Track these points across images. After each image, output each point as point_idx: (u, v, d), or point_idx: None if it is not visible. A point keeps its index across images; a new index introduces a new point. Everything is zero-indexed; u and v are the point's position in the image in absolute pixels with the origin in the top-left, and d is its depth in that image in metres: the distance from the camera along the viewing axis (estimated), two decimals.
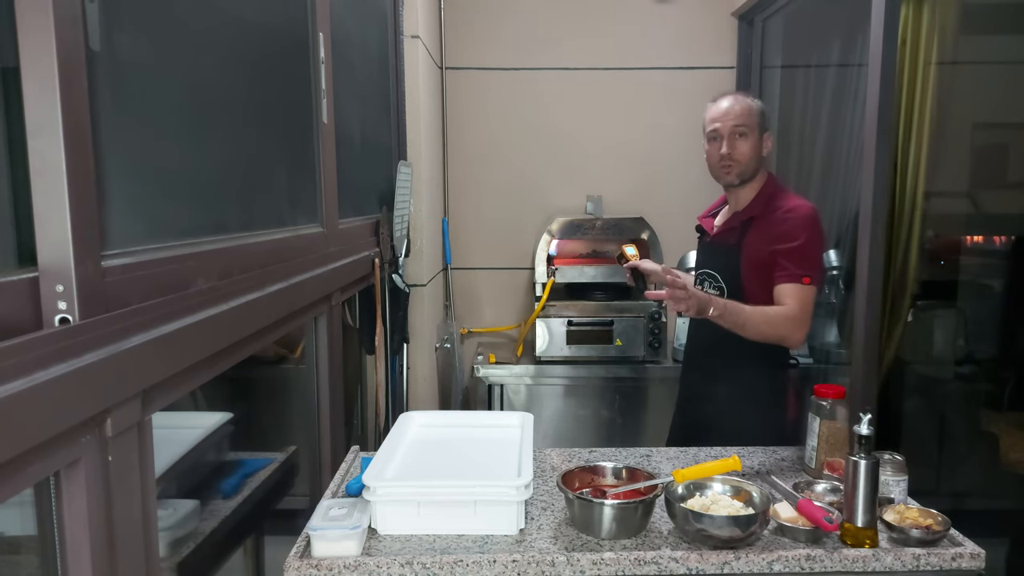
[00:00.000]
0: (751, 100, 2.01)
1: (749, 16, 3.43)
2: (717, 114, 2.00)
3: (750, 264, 1.96)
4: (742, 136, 1.97)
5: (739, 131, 1.97)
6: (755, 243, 1.97)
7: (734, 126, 1.97)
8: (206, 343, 1.14)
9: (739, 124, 1.97)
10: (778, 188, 2.05)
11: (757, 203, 2.01)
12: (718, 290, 2.02)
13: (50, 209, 0.83)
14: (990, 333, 2.93)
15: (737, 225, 2.02)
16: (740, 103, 1.99)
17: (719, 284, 2.03)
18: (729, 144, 1.98)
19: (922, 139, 2.58)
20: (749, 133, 1.98)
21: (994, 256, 2.96)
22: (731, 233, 2.04)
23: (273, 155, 1.58)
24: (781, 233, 1.93)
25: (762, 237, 1.96)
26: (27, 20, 0.80)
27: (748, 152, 1.98)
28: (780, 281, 1.91)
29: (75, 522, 0.87)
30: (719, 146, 2.00)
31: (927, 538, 1.38)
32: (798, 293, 1.89)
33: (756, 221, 1.99)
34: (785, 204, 1.98)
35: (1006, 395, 2.86)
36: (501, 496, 1.39)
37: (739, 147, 1.97)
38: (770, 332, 1.88)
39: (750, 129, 1.98)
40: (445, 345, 3.22)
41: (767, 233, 1.96)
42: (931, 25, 2.56)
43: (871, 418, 1.38)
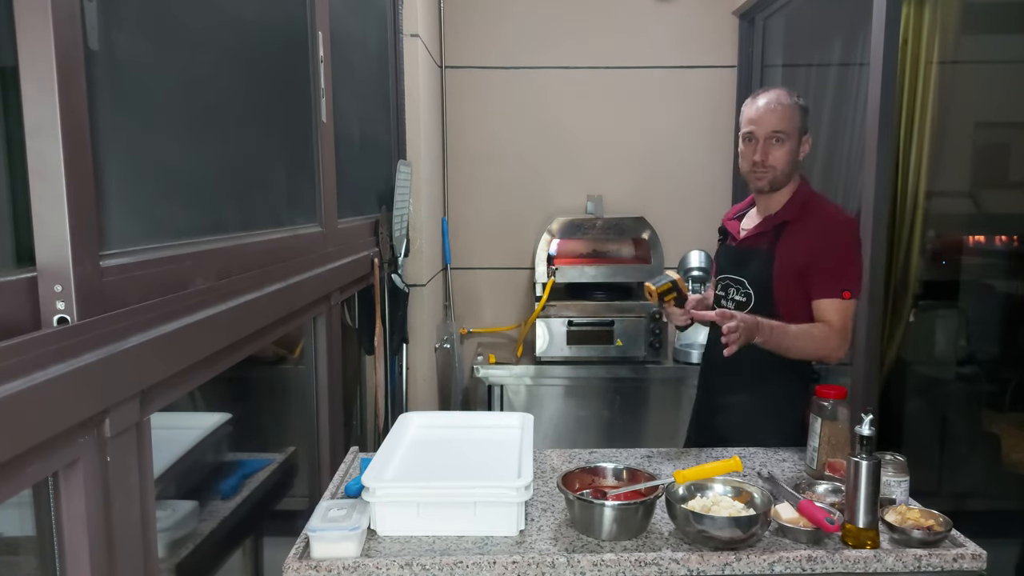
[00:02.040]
0: (792, 100, 1.87)
1: (750, 15, 3.43)
2: (754, 115, 1.87)
3: (784, 272, 1.86)
4: (779, 142, 1.85)
5: (776, 137, 1.85)
6: (790, 250, 1.87)
7: (771, 131, 1.85)
8: (205, 343, 1.14)
9: (777, 130, 1.84)
10: (812, 193, 1.96)
11: (791, 208, 1.91)
12: (746, 296, 1.93)
13: (49, 209, 0.82)
14: (992, 333, 2.93)
15: (769, 230, 1.91)
16: (780, 105, 1.85)
17: (747, 291, 1.93)
18: (764, 151, 1.86)
19: (924, 139, 2.58)
20: (786, 139, 1.85)
21: (996, 256, 2.96)
22: (762, 238, 1.93)
23: (272, 154, 1.58)
24: (820, 244, 1.84)
25: (798, 245, 1.86)
26: (25, 19, 0.80)
27: (783, 159, 1.86)
28: (820, 296, 1.84)
29: (74, 523, 0.87)
30: (753, 149, 1.87)
31: (928, 539, 1.38)
32: (839, 308, 1.82)
33: (790, 227, 1.89)
34: (822, 211, 1.90)
35: (1008, 395, 2.86)
36: (501, 497, 1.39)
37: (774, 154, 1.85)
38: (813, 351, 1.84)
39: (788, 135, 1.85)
40: (445, 345, 3.22)
41: (803, 241, 1.86)
42: (932, 24, 2.55)
43: (872, 419, 1.37)
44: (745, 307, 1.93)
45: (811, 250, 1.85)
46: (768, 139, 1.86)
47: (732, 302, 1.98)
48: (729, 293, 2.00)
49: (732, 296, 1.99)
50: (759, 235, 1.95)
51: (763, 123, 1.86)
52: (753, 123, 1.88)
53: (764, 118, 1.86)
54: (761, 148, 1.86)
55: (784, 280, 1.87)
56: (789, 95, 1.88)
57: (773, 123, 1.85)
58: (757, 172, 1.89)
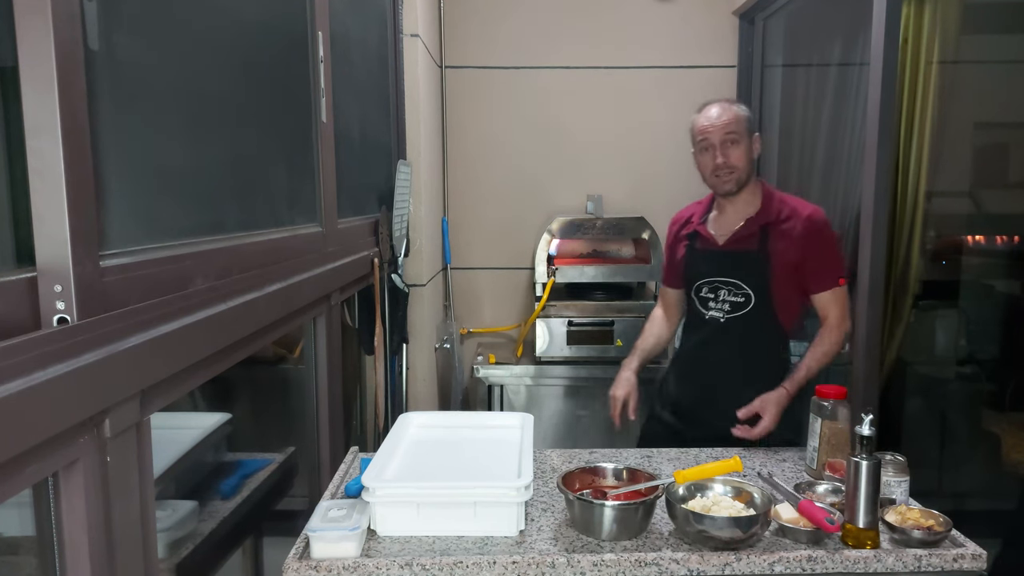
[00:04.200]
0: (737, 106, 2.00)
1: (750, 15, 3.43)
2: (706, 123, 1.98)
3: (780, 271, 1.96)
4: (734, 143, 1.96)
5: (731, 138, 1.95)
6: (782, 249, 1.96)
7: (725, 134, 1.95)
8: (205, 343, 1.13)
9: (730, 132, 1.95)
10: (776, 190, 2.07)
11: (769, 208, 2.01)
12: (744, 297, 1.99)
13: (48, 209, 0.82)
14: (992, 333, 2.93)
15: (756, 231, 2.00)
16: (728, 111, 1.97)
17: (744, 291, 1.99)
18: (723, 152, 1.96)
19: (923, 139, 2.58)
20: (740, 139, 1.96)
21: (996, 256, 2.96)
22: (750, 240, 2.00)
23: (272, 154, 1.58)
24: (809, 241, 1.96)
25: (788, 243, 1.96)
26: (25, 19, 0.79)
27: (742, 157, 1.97)
28: (820, 290, 1.98)
29: (73, 523, 0.87)
30: (712, 155, 1.97)
31: (929, 539, 1.38)
32: (838, 296, 1.98)
33: (775, 227, 1.98)
34: (796, 207, 2.00)
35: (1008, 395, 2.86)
36: (501, 497, 1.39)
37: (733, 154, 1.96)
38: (834, 356, 1.99)
39: (740, 135, 1.96)
40: (445, 345, 3.22)
41: (792, 240, 1.96)
42: (932, 24, 2.56)
43: (873, 419, 1.37)
44: (743, 307, 1.99)
45: (802, 248, 1.96)
46: (724, 142, 1.96)
47: (726, 303, 2.03)
48: (720, 295, 2.04)
49: (724, 298, 2.03)
50: (746, 237, 2.00)
51: (716, 128, 1.96)
52: (706, 131, 1.98)
53: (716, 123, 1.96)
54: (720, 151, 1.96)
55: (781, 279, 1.97)
56: (732, 102, 2.01)
57: (725, 125, 1.95)
58: (722, 175, 1.98)
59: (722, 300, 2.03)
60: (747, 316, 1.98)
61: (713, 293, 2.05)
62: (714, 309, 2.04)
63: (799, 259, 1.96)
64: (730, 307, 2.01)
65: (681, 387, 2.16)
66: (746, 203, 2.03)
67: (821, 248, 1.97)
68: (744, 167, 1.97)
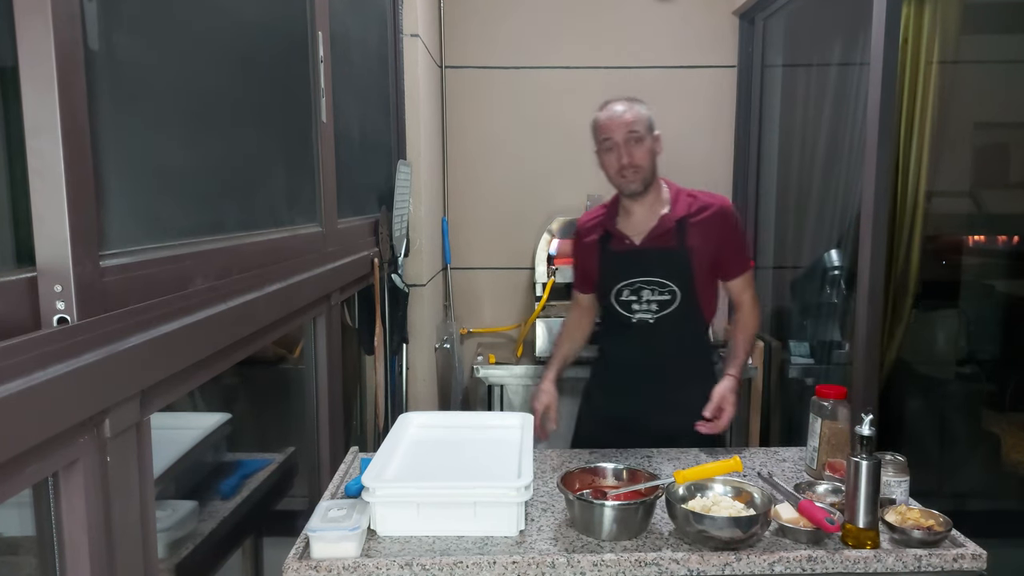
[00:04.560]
0: (639, 104, 1.97)
1: (750, 15, 3.43)
2: (608, 123, 1.94)
3: (701, 265, 1.98)
4: (637, 142, 1.93)
5: (634, 137, 1.92)
6: (701, 244, 1.97)
7: (628, 132, 1.92)
8: (205, 343, 1.13)
9: (633, 131, 1.92)
10: (679, 185, 2.08)
11: (682, 204, 2.01)
12: (670, 294, 1.97)
13: (48, 209, 0.82)
14: (992, 333, 2.93)
15: (672, 227, 1.98)
16: (630, 109, 1.94)
17: (669, 288, 1.97)
18: (627, 152, 1.92)
19: (924, 139, 2.58)
20: (643, 137, 1.93)
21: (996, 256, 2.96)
22: (668, 237, 1.98)
23: (272, 154, 1.58)
24: (722, 231, 2.00)
25: (705, 236, 1.98)
26: (25, 19, 0.79)
27: (645, 156, 1.94)
28: (735, 276, 2.05)
29: (73, 523, 0.87)
30: (617, 155, 1.93)
31: (929, 539, 1.38)
32: (749, 281, 2.07)
33: (690, 221, 1.98)
34: (705, 200, 2.03)
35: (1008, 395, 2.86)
36: (501, 497, 1.39)
37: (636, 153, 1.93)
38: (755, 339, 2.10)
39: (643, 134, 1.93)
40: (445, 345, 3.22)
41: (708, 232, 1.98)
42: (932, 24, 2.56)
43: (872, 419, 1.37)
44: (670, 305, 1.98)
45: (718, 239, 1.99)
46: (627, 141, 1.92)
47: (652, 303, 1.99)
48: (643, 296, 1.99)
49: (649, 298, 1.99)
50: (663, 234, 1.98)
51: (618, 127, 1.93)
52: (609, 130, 1.94)
53: (618, 122, 1.93)
54: (624, 150, 1.93)
55: (701, 271, 1.99)
56: (633, 100, 1.98)
57: (627, 124, 1.93)
58: (627, 175, 1.95)
59: (646, 300, 1.99)
60: (674, 313, 1.97)
61: (635, 295, 2.00)
62: (640, 311, 1.99)
63: (715, 250, 1.99)
64: (657, 306, 1.98)
65: (618, 395, 2.07)
66: (655, 201, 2.02)
67: (733, 236, 2.02)
68: (648, 166, 1.96)
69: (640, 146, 1.93)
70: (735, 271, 2.04)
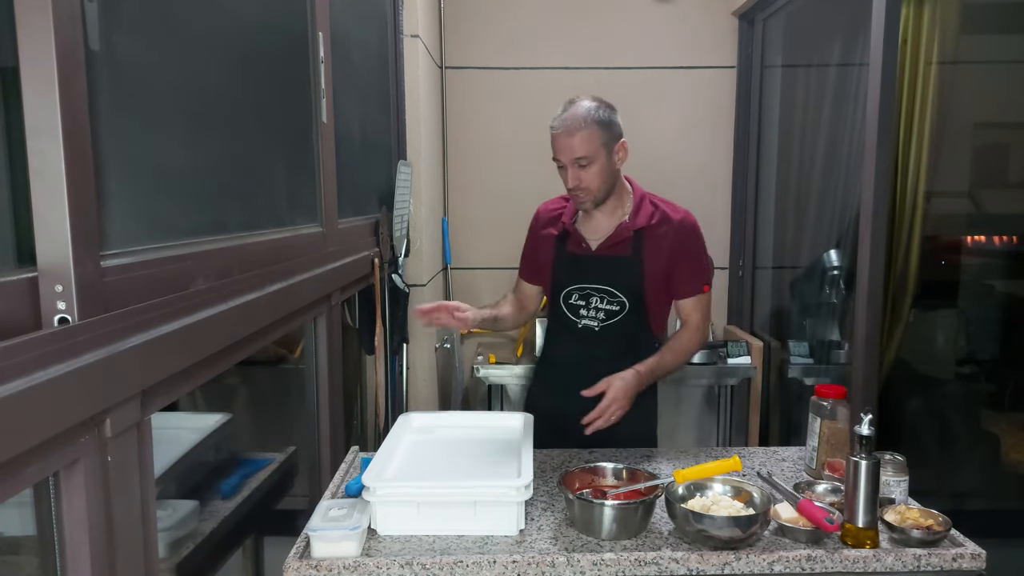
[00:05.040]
0: (591, 121, 1.80)
1: (750, 16, 3.43)
2: (556, 146, 1.84)
3: (653, 277, 1.90)
4: (586, 167, 1.82)
5: (581, 163, 1.81)
6: (655, 255, 1.90)
7: (573, 159, 1.81)
8: (205, 343, 1.14)
9: (578, 157, 1.81)
10: (646, 192, 1.98)
11: (643, 213, 1.92)
12: (619, 305, 1.91)
13: (49, 209, 0.82)
14: (991, 333, 2.93)
15: (629, 236, 1.90)
16: (578, 131, 1.79)
17: (619, 299, 1.91)
18: (574, 177, 1.83)
19: (923, 139, 2.58)
20: (594, 159, 1.81)
21: (995, 256, 2.96)
22: (624, 246, 1.91)
23: (272, 155, 1.58)
24: (680, 246, 1.91)
25: (660, 249, 1.90)
26: (26, 20, 0.80)
27: (596, 179, 1.83)
28: (685, 295, 1.94)
29: (74, 522, 0.87)
30: (566, 175, 1.85)
31: (928, 539, 1.38)
32: (701, 302, 1.96)
33: (648, 232, 1.91)
34: (667, 211, 1.93)
35: (1007, 395, 2.86)
36: (501, 497, 1.39)
37: (585, 177, 1.83)
38: (688, 358, 1.97)
39: (591, 158, 1.81)
40: (445, 345, 3.22)
41: (664, 245, 1.90)
42: (932, 25, 2.56)
43: (872, 418, 1.38)
44: (617, 315, 1.92)
45: (673, 253, 1.91)
46: (573, 165, 1.82)
47: (600, 311, 1.94)
48: (592, 303, 1.94)
49: (597, 306, 1.94)
50: (620, 243, 1.91)
51: (564, 152, 1.82)
52: (557, 152, 1.85)
53: (564, 148, 1.82)
54: (572, 174, 1.83)
55: (654, 285, 1.91)
56: (586, 114, 1.81)
57: (573, 151, 1.81)
58: (577, 195, 1.88)
59: (595, 308, 1.94)
60: (621, 323, 1.91)
61: (584, 300, 1.95)
62: (587, 318, 1.94)
63: (670, 264, 1.91)
64: (604, 315, 1.93)
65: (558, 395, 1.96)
66: (616, 207, 1.93)
67: (691, 254, 1.93)
68: (600, 186, 1.85)
69: (588, 170, 1.82)
70: (686, 291, 1.94)
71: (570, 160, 1.82)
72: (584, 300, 1.95)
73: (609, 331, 1.92)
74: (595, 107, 1.83)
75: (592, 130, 1.80)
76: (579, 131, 1.79)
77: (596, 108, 1.82)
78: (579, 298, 1.96)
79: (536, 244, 2.08)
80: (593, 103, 1.84)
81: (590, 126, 1.80)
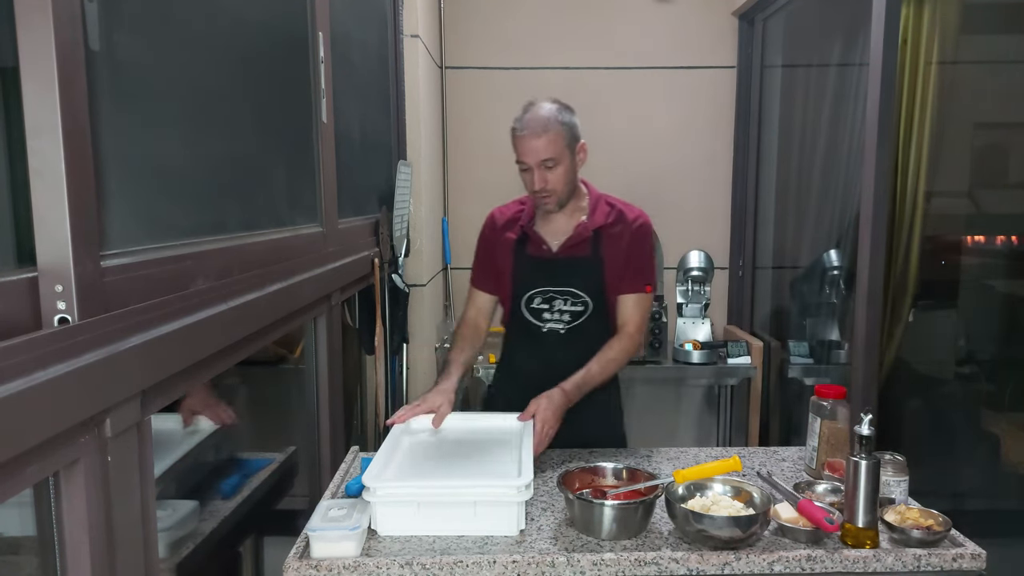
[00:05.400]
0: (556, 122, 1.83)
1: (750, 16, 3.43)
2: (522, 149, 1.85)
3: (613, 276, 1.92)
4: (552, 168, 1.84)
5: (547, 165, 1.84)
6: (613, 254, 1.91)
7: (540, 161, 1.84)
8: (205, 343, 1.14)
9: (545, 159, 1.83)
10: (600, 192, 2.00)
11: (599, 213, 1.94)
12: (582, 306, 1.92)
13: (49, 209, 0.82)
14: (991, 333, 2.93)
15: (588, 236, 1.92)
16: (544, 135, 1.82)
17: (583, 299, 1.92)
18: (540, 179, 1.84)
19: (923, 139, 2.59)
20: (560, 160, 1.84)
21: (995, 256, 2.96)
22: (583, 246, 1.92)
23: (272, 155, 1.58)
24: (632, 244, 1.93)
25: (618, 247, 1.92)
26: (26, 19, 0.80)
27: (561, 180, 1.86)
28: (627, 291, 1.93)
29: (74, 523, 0.87)
30: (531, 177, 1.86)
31: (928, 539, 1.38)
32: (641, 302, 1.94)
33: (605, 231, 1.93)
34: (622, 211, 1.96)
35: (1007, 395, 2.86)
36: (501, 497, 1.39)
37: (551, 178, 1.85)
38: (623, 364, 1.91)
39: (557, 159, 1.83)
40: (445, 345, 3.22)
41: (620, 243, 1.92)
42: (932, 25, 2.56)
43: (872, 418, 1.38)
44: (582, 316, 1.92)
45: (627, 250, 1.92)
46: (540, 167, 1.84)
47: (565, 313, 1.93)
48: (555, 305, 1.93)
49: (561, 308, 1.93)
50: (580, 243, 1.92)
51: (531, 155, 1.84)
52: (523, 155, 1.86)
53: (530, 151, 1.84)
54: (538, 176, 1.85)
55: (614, 284, 1.92)
56: (551, 116, 1.84)
57: (540, 153, 1.83)
58: (543, 197, 1.88)
59: (559, 311, 1.93)
60: (586, 324, 1.92)
61: (547, 304, 1.94)
62: (552, 321, 1.93)
63: (624, 262, 1.92)
64: (570, 317, 1.93)
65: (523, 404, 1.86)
66: (574, 208, 1.95)
67: (640, 252, 1.94)
68: (564, 187, 1.87)
69: (554, 171, 1.84)
70: (627, 287, 1.92)
71: (537, 162, 1.84)
72: (547, 303, 1.94)
73: (575, 333, 1.92)
74: (558, 109, 1.85)
75: (558, 131, 1.83)
76: (545, 133, 1.82)
77: (559, 110, 1.85)
78: (542, 301, 1.94)
79: (492, 249, 2.04)
80: (555, 105, 1.86)
81: (556, 127, 1.83)
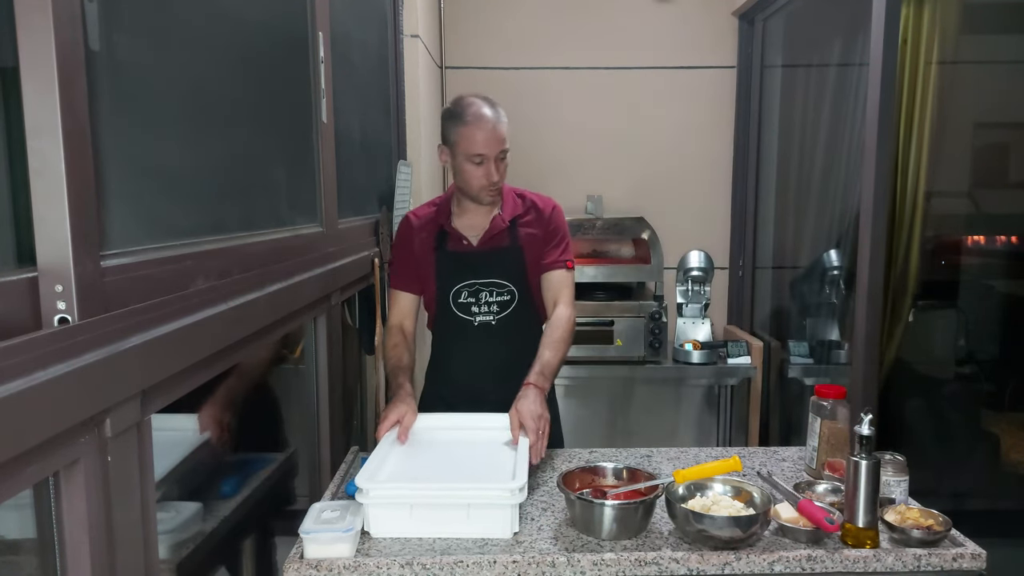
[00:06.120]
0: (502, 113, 1.90)
1: (750, 16, 3.43)
2: (483, 140, 1.85)
3: (533, 262, 1.96)
4: (502, 159, 1.89)
5: (501, 155, 1.88)
6: (530, 241, 1.96)
7: (500, 151, 1.87)
8: (205, 343, 1.14)
9: (505, 149, 1.88)
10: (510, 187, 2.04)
11: (510, 204, 1.98)
12: (509, 295, 1.95)
13: (49, 209, 0.82)
14: (991, 333, 2.93)
15: (505, 227, 1.95)
16: (500, 124, 1.87)
17: (508, 289, 1.95)
18: (497, 170, 1.88)
19: (923, 139, 2.59)
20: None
21: (995, 256, 2.96)
22: (502, 237, 1.96)
23: (272, 155, 1.58)
24: (547, 226, 1.98)
25: (534, 234, 1.97)
26: (26, 20, 0.80)
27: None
28: (552, 267, 1.97)
29: (74, 523, 0.87)
30: (486, 171, 1.87)
31: (928, 538, 1.38)
32: (568, 279, 1.98)
33: (520, 220, 1.98)
34: (532, 199, 2.02)
35: (1007, 395, 2.86)
36: (495, 499, 1.38)
37: (502, 170, 1.90)
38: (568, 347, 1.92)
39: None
40: None
41: (538, 229, 1.97)
42: (932, 25, 2.56)
43: (872, 418, 1.38)
44: (510, 305, 1.96)
45: (544, 234, 1.98)
46: (497, 158, 1.88)
47: (493, 305, 1.96)
48: (482, 298, 1.96)
49: (488, 300, 1.96)
50: (498, 235, 1.96)
51: (493, 145, 1.86)
52: (484, 146, 1.86)
53: (494, 140, 1.86)
54: (496, 167, 1.88)
55: (535, 272, 1.97)
56: (496, 108, 1.90)
57: (500, 143, 1.88)
58: (492, 192, 1.91)
59: (486, 303, 1.96)
60: (514, 313, 1.96)
61: (474, 297, 1.96)
62: (482, 313, 1.96)
63: (543, 245, 1.97)
64: (498, 307, 1.96)
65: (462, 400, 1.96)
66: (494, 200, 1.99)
67: (556, 231, 1.99)
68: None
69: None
70: (550, 263, 1.95)
71: (496, 153, 1.87)
72: (474, 297, 1.97)
73: (505, 323, 1.96)
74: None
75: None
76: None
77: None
78: (469, 295, 1.97)
79: (411, 249, 2.02)
80: (485, 98, 1.91)
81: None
